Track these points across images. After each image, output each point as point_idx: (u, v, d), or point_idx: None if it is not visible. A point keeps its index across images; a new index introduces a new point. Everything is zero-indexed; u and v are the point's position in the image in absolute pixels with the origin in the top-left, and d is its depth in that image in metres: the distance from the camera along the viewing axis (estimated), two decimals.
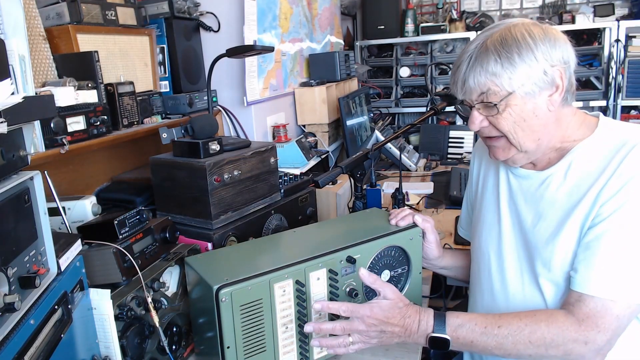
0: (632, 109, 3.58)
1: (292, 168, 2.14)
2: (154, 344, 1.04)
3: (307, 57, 2.78)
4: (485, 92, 0.97)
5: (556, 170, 1.04)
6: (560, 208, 1.02)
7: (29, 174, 0.79)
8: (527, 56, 0.94)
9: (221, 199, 1.30)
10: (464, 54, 1.00)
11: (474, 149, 1.34)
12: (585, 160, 1.01)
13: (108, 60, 1.54)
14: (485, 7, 4.04)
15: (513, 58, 0.94)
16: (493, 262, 1.15)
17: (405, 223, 1.18)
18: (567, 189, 1.01)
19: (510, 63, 0.94)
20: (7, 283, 0.68)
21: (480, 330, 0.95)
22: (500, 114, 0.98)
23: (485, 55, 0.96)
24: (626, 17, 3.59)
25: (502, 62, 0.94)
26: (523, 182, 1.11)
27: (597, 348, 0.91)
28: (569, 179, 1.02)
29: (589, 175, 0.98)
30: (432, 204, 2.13)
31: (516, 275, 1.09)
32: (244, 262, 1.03)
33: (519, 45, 0.95)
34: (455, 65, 1.03)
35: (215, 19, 2.03)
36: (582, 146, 1.02)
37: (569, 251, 0.98)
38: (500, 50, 0.95)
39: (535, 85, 0.96)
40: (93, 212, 1.21)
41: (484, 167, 1.26)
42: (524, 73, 0.95)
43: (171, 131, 1.33)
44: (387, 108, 3.87)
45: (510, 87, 0.95)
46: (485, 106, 0.99)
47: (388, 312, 0.98)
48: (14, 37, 0.96)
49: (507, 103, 0.97)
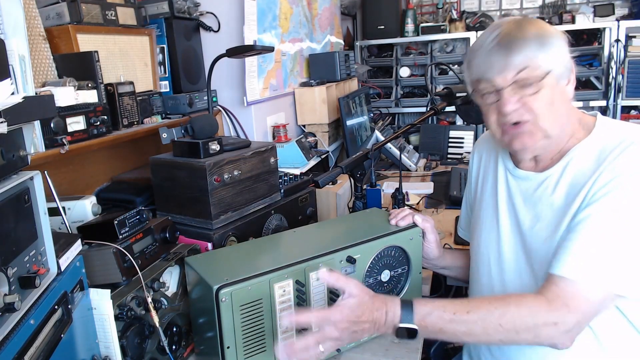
0: (632, 109, 3.58)
1: (292, 168, 2.14)
2: (154, 344, 1.04)
3: (307, 57, 2.78)
4: (524, 69, 0.95)
5: (554, 172, 1.05)
6: (557, 209, 1.02)
7: (29, 174, 0.79)
8: (556, 40, 0.96)
9: (221, 199, 1.30)
10: (486, 40, 0.99)
11: (473, 149, 1.33)
12: (582, 160, 1.01)
13: (108, 60, 1.54)
14: (485, 7, 4.04)
15: (548, 39, 0.96)
16: (492, 263, 1.15)
17: (405, 223, 1.18)
18: (564, 189, 1.02)
19: (547, 42, 0.95)
20: (7, 283, 0.68)
21: (449, 317, 0.91)
22: (538, 93, 0.96)
23: (521, 36, 0.95)
24: (626, 17, 3.59)
25: (539, 41, 0.95)
26: (522, 183, 1.11)
27: (566, 329, 0.89)
28: (565, 179, 1.02)
29: (583, 175, 0.99)
30: (432, 204, 2.13)
31: (515, 277, 1.09)
32: (244, 262, 1.03)
33: (548, 32, 0.97)
34: (476, 52, 1.01)
35: (215, 19, 2.03)
36: (580, 147, 1.02)
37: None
38: (535, 31, 0.96)
39: (564, 68, 0.97)
40: (93, 212, 1.21)
41: (483, 167, 1.26)
42: (557, 55, 0.96)
43: (171, 131, 1.33)
44: (387, 108, 3.87)
45: (548, 66, 0.95)
46: (520, 85, 0.97)
47: (357, 311, 0.91)
48: (14, 37, 0.96)
49: (543, 83, 0.96)
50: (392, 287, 1.18)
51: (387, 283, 1.16)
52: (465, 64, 1.08)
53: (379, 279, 1.14)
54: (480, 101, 1.06)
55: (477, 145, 1.32)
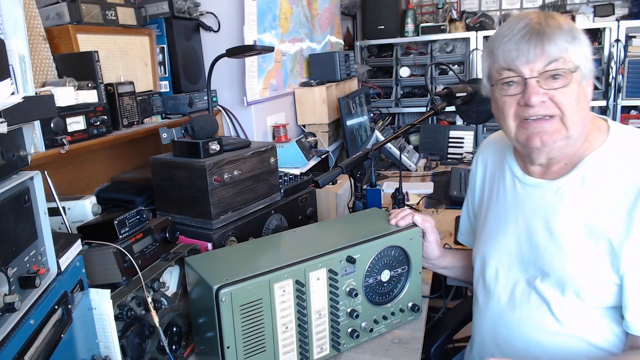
0: (632, 109, 3.58)
1: (292, 168, 2.14)
2: (154, 344, 1.04)
3: (307, 57, 2.78)
4: (555, 61, 0.91)
5: (569, 181, 0.99)
6: (580, 226, 0.96)
7: (29, 174, 0.79)
8: (585, 38, 0.93)
9: (221, 199, 1.30)
10: (514, 28, 0.93)
11: (476, 155, 1.27)
12: (602, 171, 0.96)
13: (108, 60, 1.54)
14: (485, 7, 4.04)
15: (578, 34, 0.92)
16: (500, 273, 1.10)
17: (405, 223, 1.18)
18: (587, 204, 0.96)
19: (578, 37, 0.92)
20: (7, 283, 0.68)
21: None
22: (567, 87, 0.92)
23: (556, 26, 0.91)
24: (626, 17, 3.59)
25: (572, 35, 0.91)
26: (532, 191, 1.05)
27: None
28: (586, 192, 0.96)
29: (613, 190, 0.93)
30: (432, 204, 2.12)
31: (524, 288, 1.05)
32: (244, 262, 1.03)
33: (576, 26, 0.93)
34: (501, 40, 0.95)
35: (215, 19, 2.03)
36: (596, 156, 0.97)
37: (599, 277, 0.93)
38: (568, 24, 0.92)
39: (589, 69, 0.94)
40: (93, 212, 1.21)
41: (489, 174, 1.20)
42: (586, 52, 0.93)
43: (171, 131, 1.33)
44: (387, 108, 3.86)
45: (578, 61, 0.92)
46: (548, 77, 0.92)
47: None
48: (14, 37, 0.96)
49: (574, 76, 0.92)
50: (392, 287, 1.18)
51: (387, 283, 1.16)
52: (485, 53, 1.02)
53: (379, 278, 1.14)
54: (498, 92, 0.99)
55: (481, 151, 1.26)
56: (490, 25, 3.72)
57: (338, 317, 1.07)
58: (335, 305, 1.07)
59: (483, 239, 1.17)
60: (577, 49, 0.92)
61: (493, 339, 1.11)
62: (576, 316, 0.98)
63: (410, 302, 1.20)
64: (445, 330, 1.35)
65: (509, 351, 1.07)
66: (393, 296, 1.18)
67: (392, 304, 1.17)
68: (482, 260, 1.16)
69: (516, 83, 0.96)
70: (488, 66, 1.02)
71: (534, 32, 0.92)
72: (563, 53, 0.91)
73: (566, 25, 0.92)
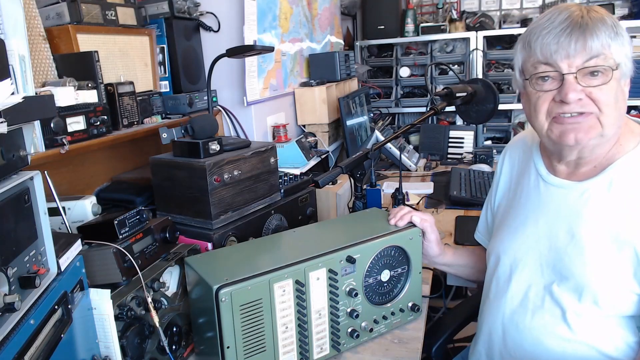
0: (632, 109, 3.58)
1: (292, 168, 2.14)
2: (154, 344, 1.04)
3: (307, 57, 2.78)
4: (597, 57, 0.87)
5: (596, 184, 0.96)
6: (604, 233, 0.93)
7: (29, 174, 0.79)
8: (626, 34, 0.89)
9: (221, 199, 1.30)
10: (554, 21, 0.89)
11: (503, 153, 1.24)
12: (631, 176, 0.93)
13: (108, 60, 1.54)
14: (485, 7, 4.04)
15: (621, 30, 0.89)
16: (513, 272, 1.08)
17: (404, 222, 1.18)
18: (613, 210, 0.93)
19: (621, 34, 0.88)
20: (7, 283, 0.68)
21: None
22: (607, 84, 0.88)
23: (599, 20, 0.87)
24: (626, 17, 3.58)
25: (615, 30, 0.88)
26: (557, 191, 1.02)
27: None
28: (613, 197, 0.93)
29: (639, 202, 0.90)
30: (432, 204, 2.12)
31: (538, 290, 1.03)
32: (244, 262, 1.03)
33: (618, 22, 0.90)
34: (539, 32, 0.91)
35: (215, 19, 2.03)
36: (627, 160, 0.94)
37: (620, 285, 0.91)
38: (611, 19, 0.89)
39: (629, 68, 0.91)
40: (93, 212, 1.21)
41: (517, 172, 1.16)
42: (627, 49, 0.89)
43: (171, 131, 1.33)
44: (387, 108, 3.86)
45: (620, 58, 0.89)
46: (587, 73, 0.89)
47: None
48: (14, 37, 0.96)
49: (615, 74, 0.89)
50: (392, 287, 1.18)
51: (387, 283, 1.16)
52: (520, 45, 0.98)
53: (378, 278, 1.14)
54: (532, 87, 0.96)
55: (509, 149, 1.23)
56: (490, 25, 3.72)
57: (338, 317, 1.08)
58: (335, 305, 1.07)
59: (500, 236, 1.14)
60: (619, 45, 0.88)
61: (502, 338, 1.09)
62: (591, 323, 0.96)
63: (410, 302, 1.20)
64: (446, 330, 1.35)
65: (518, 354, 1.06)
66: (393, 296, 1.19)
67: (392, 304, 1.18)
68: (497, 257, 1.13)
69: (552, 78, 0.92)
70: (523, 59, 0.97)
71: (576, 25, 0.88)
72: (605, 49, 0.87)
73: (609, 19, 0.89)
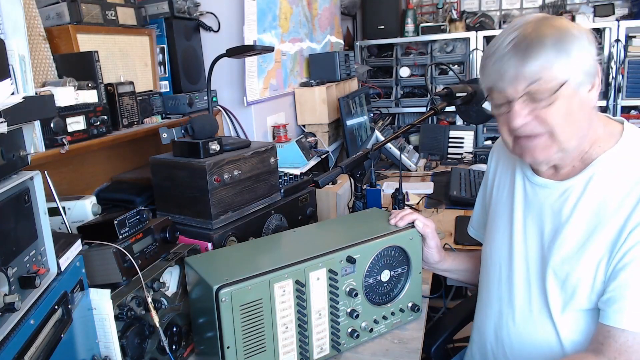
0: (632, 109, 3.58)
1: (292, 168, 2.14)
2: (154, 344, 1.04)
3: (307, 57, 2.78)
4: (536, 81, 0.89)
5: (577, 183, 0.98)
6: (581, 226, 0.95)
7: (29, 174, 0.79)
8: (578, 44, 0.89)
9: (221, 199, 1.30)
10: (502, 44, 0.91)
11: (491, 150, 1.27)
12: (609, 174, 0.94)
13: (108, 60, 1.54)
14: (485, 7, 4.04)
15: (567, 44, 0.88)
16: (503, 271, 1.09)
17: (404, 223, 1.18)
18: (590, 205, 0.95)
19: (565, 50, 0.88)
20: (7, 283, 0.68)
21: None
22: (552, 105, 0.90)
23: (538, 42, 0.88)
24: (626, 17, 3.58)
25: (557, 47, 0.87)
26: (541, 191, 1.04)
27: None
28: (590, 193, 0.95)
29: (615, 193, 0.92)
30: (432, 204, 2.12)
31: (524, 288, 1.04)
32: (244, 262, 1.03)
33: (570, 33, 0.89)
34: (490, 57, 0.94)
35: (215, 19, 2.03)
36: (606, 157, 0.95)
37: (591, 277, 0.93)
38: (553, 37, 0.88)
39: (585, 75, 0.90)
40: (93, 212, 1.21)
41: (500, 171, 1.19)
42: (577, 61, 0.88)
43: (171, 131, 1.33)
44: (387, 108, 3.86)
45: (564, 76, 0.88)
46: (533, 98, 0.90)
47: None
48: (14, 37, 0.96)
49: (559, 93, 0.89)
50: (392, 287, 1.18)
51: (387, 283, 1.16)
52: (480, 69, 1.01)
53: (379, 278, 1.14)
54: (494, 110, 1.00)
55: (495, 147, 1.25)
56: (490, 25, 3.72)
57: (338, 317, 1.08)
58: (335, 305, 1.07)
59: (489, 237, 1.17)
60: (565, 61, 0.88)
61: (494, 337, 1.11)
62: (578, 321, 0.97)
63: (410, 302, 1.20)
64: (445, 330, 1.35)
65: (509, 352, 1.08)
66: (393, 296, 1.19)
67: (392, 304, 1.18)
68: (486, 258, 1.16)
69: (504, 104, 0.95)
70: (481, 81, 1.01)
71: (516, 49, 0.89)
72: (544, 71, 0.88)
73: (553, 37, 0.88)
